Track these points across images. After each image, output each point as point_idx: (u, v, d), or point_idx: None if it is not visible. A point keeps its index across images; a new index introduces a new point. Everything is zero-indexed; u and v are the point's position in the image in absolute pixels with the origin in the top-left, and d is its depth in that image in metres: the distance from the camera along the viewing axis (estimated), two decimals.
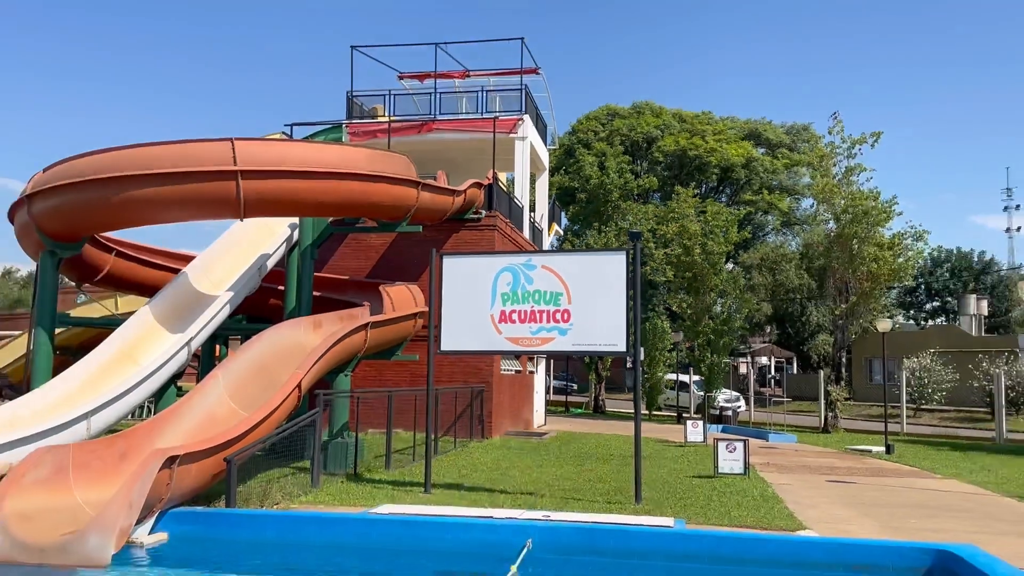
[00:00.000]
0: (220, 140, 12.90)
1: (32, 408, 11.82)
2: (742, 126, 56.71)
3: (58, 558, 7.66)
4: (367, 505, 10.30)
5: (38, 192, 13.47)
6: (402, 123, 24.34)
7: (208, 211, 13.67)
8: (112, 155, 12.94)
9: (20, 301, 51.56)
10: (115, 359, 13.01)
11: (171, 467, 8.68)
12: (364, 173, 14.14)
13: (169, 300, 14.45)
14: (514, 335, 11.60)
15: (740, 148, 52.74)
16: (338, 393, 14.10)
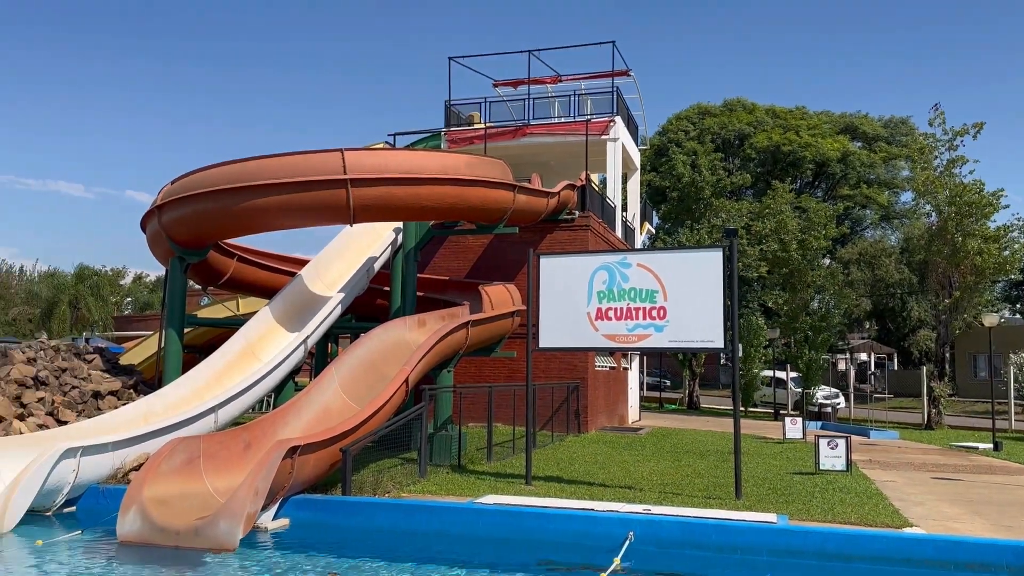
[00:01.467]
0: (331, 151, 13.72)
1: (165, 402, 12.89)
2: (837, 120, 55.05)
3: (191, 541, 8.43)
4: (471, 495, 10.79)
5: (167, 203, 14.62)
6: (497, 129, 24.92)
7: (321, 217, 14.51)
8: (233, 167, 13.93)
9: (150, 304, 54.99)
10: (239, 356, 14.00)
11: (292, 457, 9.38)
12: (464, 178, 14.73)
13: (287, 301, 15.42)
14: (610, 332, 11.89)
15: (836, 142, 51.20)
16: (442, 388, 14.72)
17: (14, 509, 9.09)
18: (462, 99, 26.33)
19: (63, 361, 14.71)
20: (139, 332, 33.01)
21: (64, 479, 9.90)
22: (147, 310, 53.11)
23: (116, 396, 14.63)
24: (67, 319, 46.40)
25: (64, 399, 13.59)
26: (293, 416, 11.54)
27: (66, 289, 48.36)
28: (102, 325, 45.93)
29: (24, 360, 13.85)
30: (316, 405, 11.92)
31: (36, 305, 56.71)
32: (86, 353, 15.78)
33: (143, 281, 73.99)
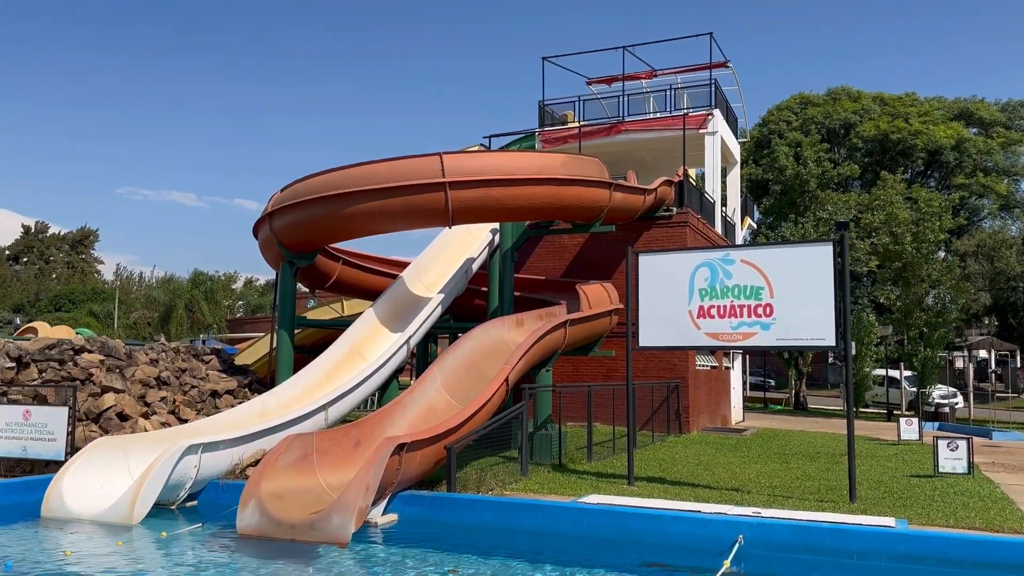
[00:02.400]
0: (429, 155, 13.99)
1: (278, 401, 13.44)
2: (950, 106, 52.08)
3: (306, 535, 8.74)
4: (573, 495, 10.77)
5: (277, 210, 15.24)
6: (592, 127, 24.81)
7: (420, 220, 14.82)
8: (337, 174, 14.40)
9: (260, 307, 57.57)
10: (346, 356, 14.46)
11: (400, 454, 9.60)
12: (559, 177, 14.74)
13: (390, 302, 15.82)
14: (714, 331, 11.65)
15: (949, 129, 48.47)
16: (541, 387, 14.76)
17: (142, 502, 9.65)
18: (556, 99, 26.36)
19: (183, 362, 15.54)
20: (250, 334, 34.52)
21: (187, 474, 10.45)
22: (257, 313, 55.55)
23: (232, 395, 15.35)
24: (183, 322, 48.97)
25: (184, 398, 14.35)
26: (399, 414, 11.82)
27: (182, 294, 51.04)
28: (216, 328, 48.30)
29: (147, 361, 14.70)
30: (420, 403, 12.17)
31: (155, 309, 60.15)
32: (203, 354, 16.61)
33: (253, 285, 77.53)
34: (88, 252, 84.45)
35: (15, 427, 12.03)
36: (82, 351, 13.72)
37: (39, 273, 79.00)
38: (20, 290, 71.99)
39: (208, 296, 50.98)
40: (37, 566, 8.08)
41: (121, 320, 58.02)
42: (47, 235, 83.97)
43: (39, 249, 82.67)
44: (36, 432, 11.88)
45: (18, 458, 12.11)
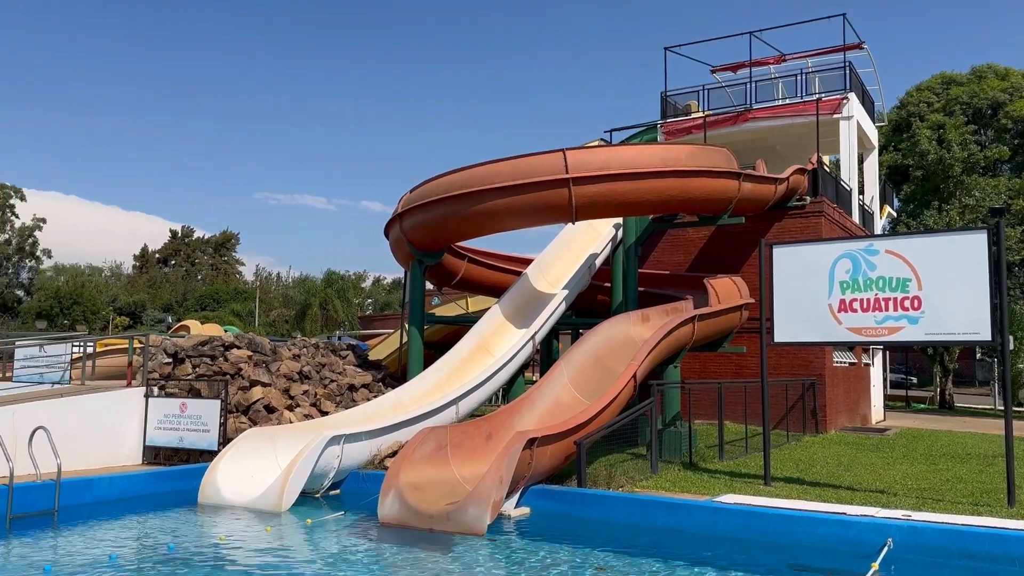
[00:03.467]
0: (552, 152, 14.03)
1: (411, 394, 13.86)
2: None
3: (443, 525, 8.97)
4: (706, 494, 10.56)
5: (407, 210, 15.70)
6: (717, 116, 24.16)
7: (544, 217, 14.89)
8: (462, 174, 14.68)
9: (388, 304, 59.61)
10: (474, 352, 14.74)
11: (531, 448, 9.69)
12: (685, 169, 14.44)
13: (514, 299, 16.00)
14: (856, 325, 11.11)
15: None
16: (669, 384, 14.53)
17: (290, 490, 10.17)
18: (678, 89, 25.81)
19: (322, 357, 16.27)
20: (379, 330, 35.73)
21: (330, 464, 10.94)
22: (385, 310, 57.45)
23: (367, 389, 15.95)
24: (318, 320, 51.38)
25: (325, 391, 15.03)
26: (527, 409, 11.93)
27: (316, 293, 53.57)
28: (348, 325, 50.34)
29: (290, 356, 15.48)
30: (548, 399, 12.24)
31: (291, 307, 63.36)
32: (340, 350, 17.35)
33: (381, 283, 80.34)
34: (230, 254, 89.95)
35: (173, 419, 12.96)
36: (231, 347, 14.60)
37: (186, 275, 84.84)
38: (169, 291, 77.55)
39: (341, 294, 53.20)
40: (196, 550, 8.67)
41: (261, 318, 61.44)
42: (192, 239, 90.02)
43: (186, 252, 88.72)
44: (191, 423, 12.75)
45: (175, 447, 13.04)
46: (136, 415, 12.99)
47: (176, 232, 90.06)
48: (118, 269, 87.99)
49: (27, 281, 72.22)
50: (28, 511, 9.59)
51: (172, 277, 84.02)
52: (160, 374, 13.97)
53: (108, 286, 78.25)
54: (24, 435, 10.33)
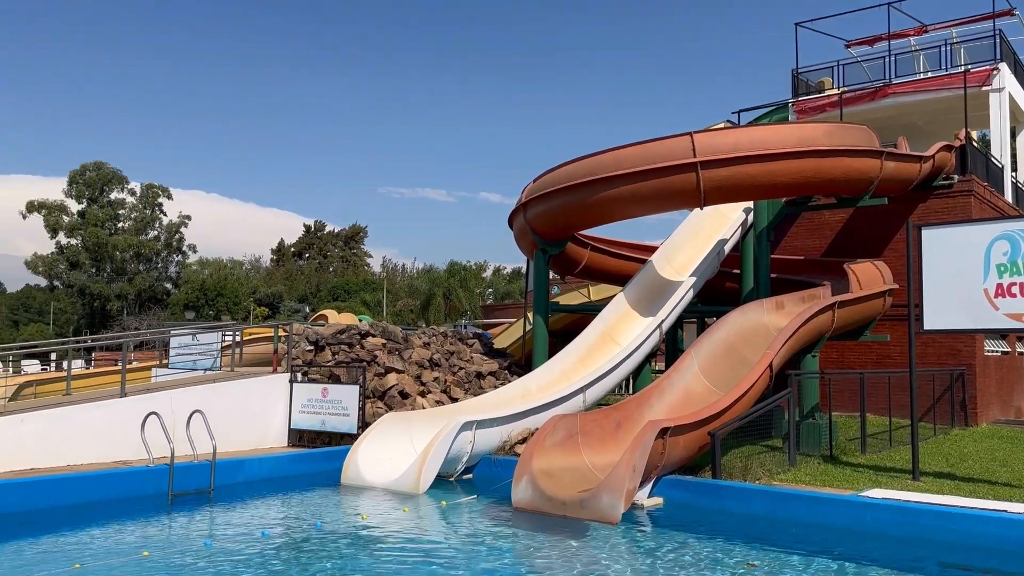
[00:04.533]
0: (679, 136, 13.72)
1: (538, 383, 13.96)
2: None
3: (576, 512, 8.98)
4: (850, 488, 10.10)
5: (530, 200, 15.78)
6: (854, 92, 22.93)
7: (670, 203, 14.61)
8: (586, 161, 14.59)
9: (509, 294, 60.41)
10: (599, 340, 14.68)
11: (664, 438, 9.55)
12: (822, 149, 13.80)
13: (640, 287, 15.81)
14: (1016, 311, 10.29)
15: None
16: (807, 374, 13.98)
17: (427, 474, 10.48)
18: (810, 66, 24.67)
19: (450, 345, 16.64)
20: (500, 320, 36.12)
21: (463, 449, 11.19)
22: (506, 299, 58.12)
23: (494, 376, 16.20)
24: (441, 309, 52.62)
25: (454, 378, 15.37)
26: (656, 398, 11.77)
27: (440, 283, 54.88)
28: (471, 314, 51.29)
29: (421, 344, 15.92)
30: (678, 388, 12.03)
31: (416, 297, 65.16)
32: (467, 338, 17.68)
33: (501, 273, 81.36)
34: (359, 247, 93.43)
35: (315, 403, 13.59)
36: (367, 335, 15.16)
37: (319, 267, 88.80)
38: (304, 282, 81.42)
39: (463, 284, 54.24)
40: (340, 527, 9.09)
41: (388, 308, 63.54)
42: (324, 233, 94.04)
43: (318, 246, 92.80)
44: (332, 408, 13.32)
45: (318, 430, 13.67)
46: (282, 400, 13.70)
47: (309, 227, 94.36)
48: (257, 262, 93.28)
49: (175, 274, 77.57)
50: (187, 489, 10.32)
51: (306, 269, 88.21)
52: (303, 360, 14.68)
53: (248, 278, 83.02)
54: (182, 418, 11.12)
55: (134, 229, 73.49)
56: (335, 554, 7.72)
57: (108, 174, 72.58)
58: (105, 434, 11.35)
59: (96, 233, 69.96)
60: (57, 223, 70.85)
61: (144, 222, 74.16)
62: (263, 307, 70.50)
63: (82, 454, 11.13)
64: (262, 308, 69.94)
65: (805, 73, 24.46)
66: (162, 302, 71.84)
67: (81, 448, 11.14)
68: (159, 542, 8.36)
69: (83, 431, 11.24)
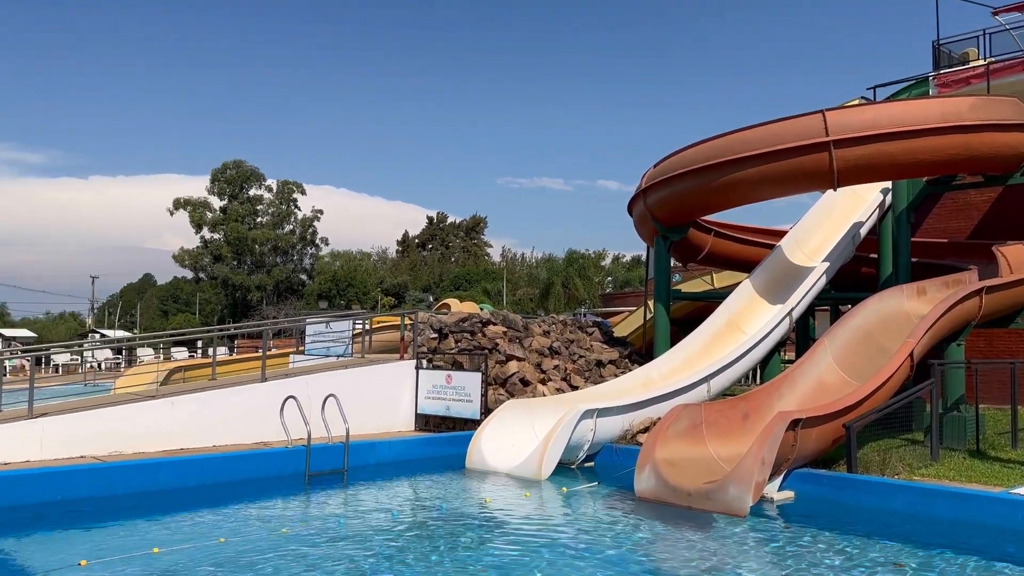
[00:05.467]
0: (810, 114, 13.12)
1: (660, 371, 13.75)
2: None
3: (701, 503, 8.79)
4: (999, 484, 9.43)
5: (651, 185, 15.52)
6: (1002, 62, 21.18)
7: (800, 185, 14.01)
8: (711, 144, 14.20)
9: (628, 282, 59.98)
10: (724, 329, 14.29)
11: (795, 429, 9.19)
12: (969, 124, 12.87)
13: (767, 273, 15.26)
14: None
15: None
16: (952, 364, 13.10)
17: (548, 460, 10.55)
18: (953, 36, 22.97)
19: (570, 334, 16.65)
20: (619, 308, 35.80)
21: (584, 436, 11.19)
22: (625, 288, 57.61)
23: (615, 365, 16.09)
24: (561, 298, 52.74)
25: (574, 366, 15.38)
26: (787, 388, 11.35)
27: (558, 271, 55.01)
28: (590, 303, 51.16)
29: (540, 333, 16.01)
30: (810, 378, 11.55)
31: (535, 286, 65.60)
32: (587, 327, 17.63)
33: (620, 261, 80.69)
34: (479, 237, 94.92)
35: (440, 389, 13.93)
36: (488, 324, 15.39)
37: (441, 257, 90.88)
38: (427, 272, 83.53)
39: (581, 273, 54.12)
40: (465, 510, 9.30)
41: (508, 297, 64.27)
42: (446, 224, 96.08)
43: (440, 237, 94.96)
44: (456, 394, 13.62)
45: (443, 416, 14.01)
46: (409, 385, 14.13)
47: (432, 218, 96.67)
48: (384, 254, 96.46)
49: (309, 266, 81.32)
50: (322, 469, 10.82)
51: (429, 259, 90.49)
52: (427, 348, 15.07)
53: (376, 269, 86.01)
54: (317, 402, 11.65)
55: (271, 224, 77.47)
56: (460, 536, 7.90)
57: (247, 172, 76.80)
58: (247, 416, 12.05)
59: (237, 228, 74.22)
60: (201, 219, 75.60)
61: (280, 217, 78.02)
62: (389, 296, 72.88)
63: (226, 435, 11.87)
64: (388, 297, 72.32)
65: (947, 44, 22.78)
66: (297, 292, 75.52)
67: (225, 429, 11.89)
68: (297, 519, 8.81)
69: (227, 413, 11.99)
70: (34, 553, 7.15)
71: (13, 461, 9.89)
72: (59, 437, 10.36)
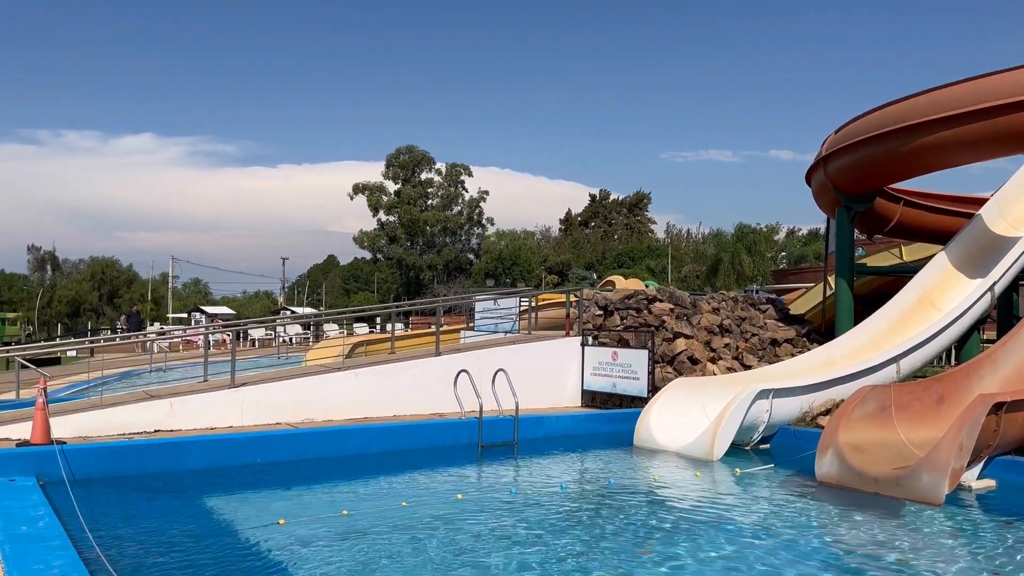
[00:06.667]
0: (1015, 69, 11.83)
1: (842, 351, 12.97)
2: None
3: (890, 490, 8.22)
4: None
5: (831, 153, 14.60)
6: None
7: (1003, 148, 12.74)
8: (900, 105, 13.13)
9: (803, 257, 57.07)
10: (915, 305, 13.25)
11: (997, 414, 8.41)
12: None
13: (965, 245, 13.96)
14: None
15: None
16: None
17: (721, 440, 10.26)
18: None
19: (741, 311, 16.07)
20: (794, 285, 34.08)
21: (759, 417, 10.78)
22: (801, 263, 54.80)
23: (791, 344, 15.37)
24: (730, 274, 50.99)
25: (746, 345, 14.84)
26: (988, 370, 10.35)
27: (727, 247, 53.11)
28: (762, 279, 49.12)
29: (710, 310, 15.56)
30: (1016, 358, 10.47)
31: (702, 263, 63.81)
32: (759, 304, 16.94)
33: (795, 235, 76.81)
34: (642, 214, 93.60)
35: (606, 366, 13.89)
36: (654, 301, 15.15)
37: (604, 235, 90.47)
38: (590, 250, 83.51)
39: (752, 248, 52.02)
40: (632, 487, 9.25)
41: (673, 274, 63.02)
42: (609, 201, 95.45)
43: (603, 214, 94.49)
44: (622, 371, 13.53)
45: (609, 392, 13.98)
46: (574, 362, 14.20)
47: (594, 196, 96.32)
48: (547, 232, 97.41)
49: (476, 246, 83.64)
50: (494, 441, 11.14)
51: (592, 237, 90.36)
52: (593, 325, 15.07)
53: (539, 248, 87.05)
54: (487, 376, 11.98)
55: (441, 205, 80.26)
56: (629, 511, 7.87)
57: (418, 156, 79.91)
58: (422, 388, 12.59)
59: (410, 210, 77.51)
60: (378, 202, 79.55)
61: (449, 199, 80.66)
62: (553, 275, 73.56)
63: (404, 405, 12.46)
64: (552, 276, 73.01)
65: None
66: (466, 271, 77.93)
67: (403, 400, 12.48)
68: (471, 487, 9.12)
69: (405, 385, 12.58)
70: (239, 510, 7.84)
71: (219, 426, 10.89)
72: (257, 405, 11.29)
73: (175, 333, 30.19)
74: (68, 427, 9.64)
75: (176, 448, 9.32)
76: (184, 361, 23.97)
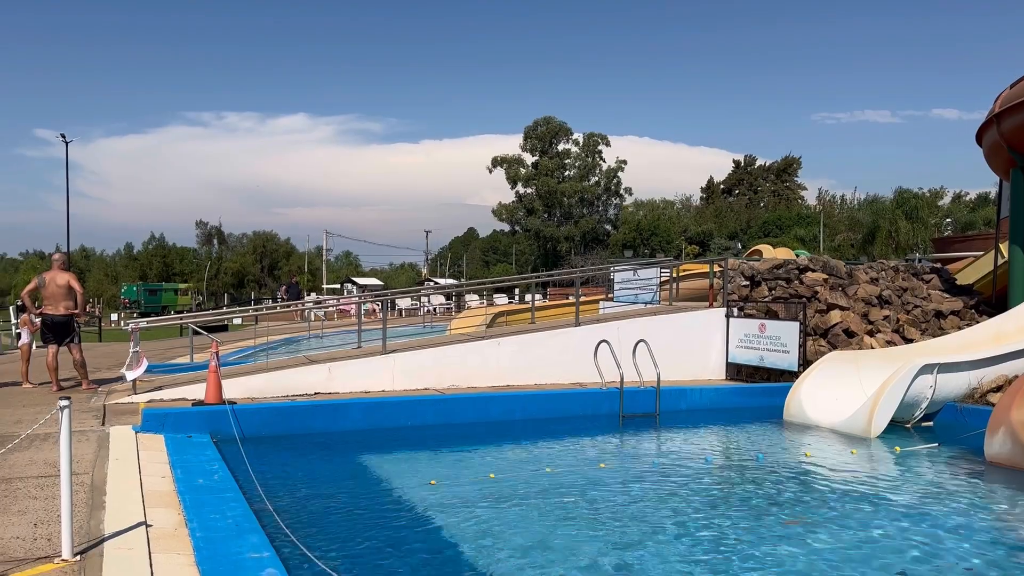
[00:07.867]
0: None
1: (1016, 323, 11.96)
2: None
3: None
4: None
5: (1006, 109, 13.35)
6: None
7: None
8: None
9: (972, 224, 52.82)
10: None
11: None
12: None
13: None
14: None
15: None
16: None
17: (879, 417, 9.72)
18: None
19: (903, 281, 15.08)
20: (960, 254, 31.54)
21: (921, 394, 10.13)
22: (968, 230, 50.68)
23: (958, 316, 14.31)
24: (888, 243, 47.91)
25: (908, 317, 13.93)
26: None
27: (885, 214, 49.87)
28: (923, 247, 45.87)
29: (867, 280, 14.69)
30: None
31: (857, 231, 60.26)
32: (923, 273, 15.84)
33: (963, 200, 71.01)
34: (791, 180, 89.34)
35: (752, 338, 13.45)
36: (806, 270, 14.47)
37: (749, 203, 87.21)
38: (734, 219, 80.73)
39: (911, 215, 48.60)
40: (784, 462, 8.94)
41: (826, 242, 59.93)
42: (754, 167, 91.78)
43: (748, 181, 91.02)
44: (770, 344, 13.06)
45: (755, 366, 13.54)
46: (719, 333, 13.84)
47: (739, 162, 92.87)
48: (687, 201, 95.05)
49: (613, 216, 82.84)
50: (635, 412, 11.09)
51: (736, 206, 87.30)
52: (738, 296, 14.60)
53: (679, 217, 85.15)
54: (627, 347, 11.90)
55: (578, 176, 79.98)
56: (780, 486, 7.63)
57: (556, 127, 79.83)
58: (562, 358, 12.67)
59: (547, 182, 77.75)
60: (516, 175, 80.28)
61: (586, 169, 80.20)
62: (693, 245, 71.78)
63: (545, 374, 12.60)
64: (693, 246, 71.26)
65: None
66: (603, 242, 77.46)
67: (544, 369, 12.62)
68: (614, 456, 9.14)
69: (545, 354, 12.70)
70: (391, 470, 8.23)
71: (372, 390, 11.43)
72: (406, 371, 11.76)
73: (330, 303, 31.87)
74: (238, 388, 10.41)
75: (335, 410, 9.89)
76: (338, 329, 25.30)
